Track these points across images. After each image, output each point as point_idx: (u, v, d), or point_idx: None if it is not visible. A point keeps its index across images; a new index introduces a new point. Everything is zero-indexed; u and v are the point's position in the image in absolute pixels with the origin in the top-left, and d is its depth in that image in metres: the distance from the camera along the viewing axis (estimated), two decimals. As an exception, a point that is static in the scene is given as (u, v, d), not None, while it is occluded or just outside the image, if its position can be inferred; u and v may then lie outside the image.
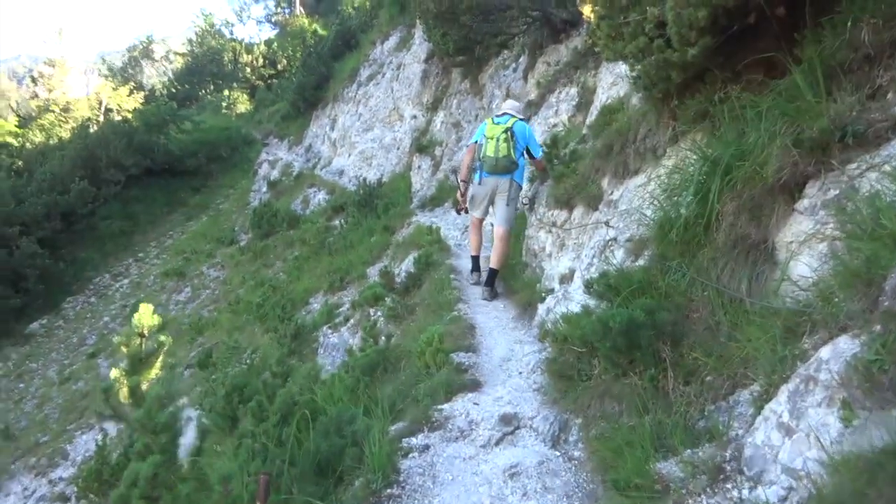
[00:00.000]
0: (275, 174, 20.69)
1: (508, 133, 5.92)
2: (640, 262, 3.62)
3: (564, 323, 3.68)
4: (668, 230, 3.24)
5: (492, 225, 6.33)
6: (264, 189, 20.23)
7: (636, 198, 4.22)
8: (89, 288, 18.24)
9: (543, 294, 4.84)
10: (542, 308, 4.76)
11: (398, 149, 17.04)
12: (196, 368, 11.15)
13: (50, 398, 13.60)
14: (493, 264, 6.08)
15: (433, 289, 5.92)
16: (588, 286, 3.53)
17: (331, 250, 13.12)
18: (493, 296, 5.97)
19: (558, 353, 3.44)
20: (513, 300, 5.60)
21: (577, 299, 4.27)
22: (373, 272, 10.51)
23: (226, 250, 17.06)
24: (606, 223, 4.39)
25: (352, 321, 7.29)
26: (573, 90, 8.64)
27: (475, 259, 6.48)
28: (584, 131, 6.55)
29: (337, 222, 14.60)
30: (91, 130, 21.03)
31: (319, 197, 17.21)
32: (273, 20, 42.55)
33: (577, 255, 4.75)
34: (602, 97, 7.41)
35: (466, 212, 6.45)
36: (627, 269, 3.52)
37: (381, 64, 19.72)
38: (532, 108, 9.00)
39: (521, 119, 6.19)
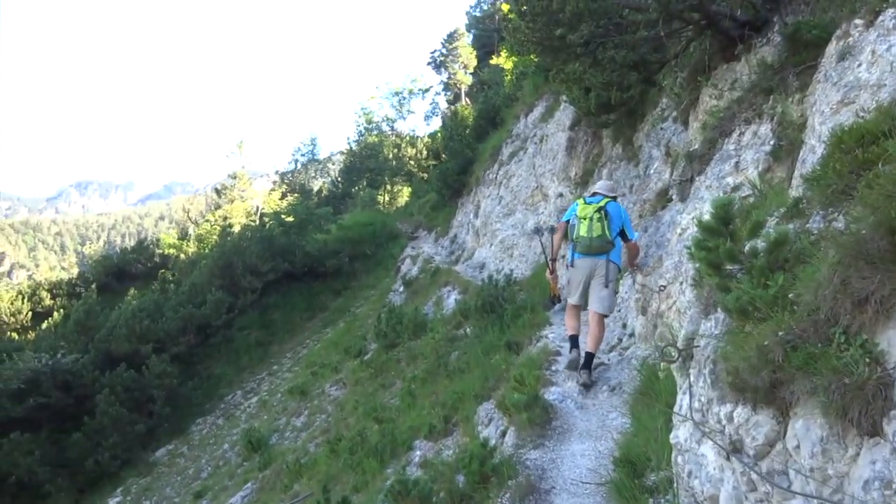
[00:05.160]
0: (414, 271, 18.44)
1: (602, 212, 5.69)
2: None
3: None
4: None
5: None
6: (401, 289, 18.03)
7: None
8: (220, 407, 16.94)
9: None
10: None
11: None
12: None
13: (145, 552, 11.86)
14: (590, 348, 5.85)
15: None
16: None
17: (448, 371, 10.22)
18: (591, 381, 5.71)
19: None
20: None
21: None
22: (485, 412, 7.47)
23: (351, 364, 14.82)
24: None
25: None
26: (763, 128, 5.13)
27: (573, 339, 6.08)
28: (795, 192, 3.09)
29: (462, 331, 11.72)
30: (230, 237, 20.60)
31: (453, 298, 14.52)
32: (439, 114, 42.58)
33: None
34: (821, 129, 3.89)
35: (559, 300, 6.14)
36: None
37: (524, 139, 17.09)
38: (695, 166, 5.57)
39: (612, 198, 6.03)
